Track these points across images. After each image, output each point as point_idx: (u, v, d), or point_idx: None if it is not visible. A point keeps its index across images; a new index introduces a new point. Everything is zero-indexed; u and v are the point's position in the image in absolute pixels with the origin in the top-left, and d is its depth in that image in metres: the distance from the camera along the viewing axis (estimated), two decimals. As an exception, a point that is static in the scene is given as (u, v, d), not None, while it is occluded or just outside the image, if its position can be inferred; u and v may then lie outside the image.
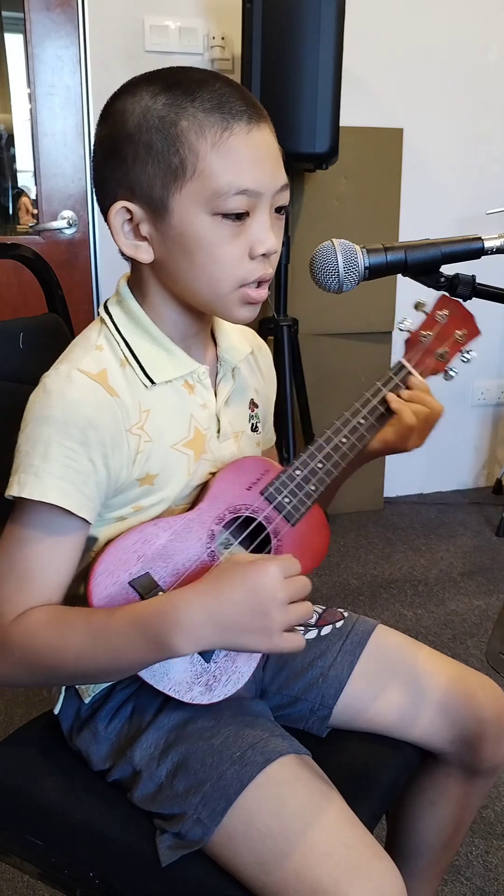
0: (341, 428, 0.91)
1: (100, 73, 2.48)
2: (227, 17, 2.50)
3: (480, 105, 2.93)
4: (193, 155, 0.76)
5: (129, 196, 0.79)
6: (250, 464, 0.89)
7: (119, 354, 0.83)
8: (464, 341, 0.98)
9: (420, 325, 0.97)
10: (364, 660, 0.99)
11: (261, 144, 0.78)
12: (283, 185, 0.80)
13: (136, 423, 0.82)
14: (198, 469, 0.87)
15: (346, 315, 2.72)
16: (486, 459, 3.37)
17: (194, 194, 0.76)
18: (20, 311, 1.31)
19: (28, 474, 0.77)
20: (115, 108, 0.80)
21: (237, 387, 0.94)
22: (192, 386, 0.87)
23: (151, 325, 0.85)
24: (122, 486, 0.82)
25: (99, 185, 0.83)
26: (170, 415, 0.85)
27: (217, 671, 0.82)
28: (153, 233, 0.80)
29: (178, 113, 0.76)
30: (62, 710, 0.91)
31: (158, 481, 0.84)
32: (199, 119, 0.75)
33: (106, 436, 0.78)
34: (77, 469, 0.77)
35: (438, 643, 2.16)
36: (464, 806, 1.05)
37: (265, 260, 0.80)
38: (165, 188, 0.77)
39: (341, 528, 2.91)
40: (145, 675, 0.79)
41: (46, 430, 0.77)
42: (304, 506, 0.89)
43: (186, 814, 0.79)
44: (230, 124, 0.76)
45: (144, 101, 0.77)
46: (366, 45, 2.63)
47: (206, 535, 0.84)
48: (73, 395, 0.78)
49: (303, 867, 0.74)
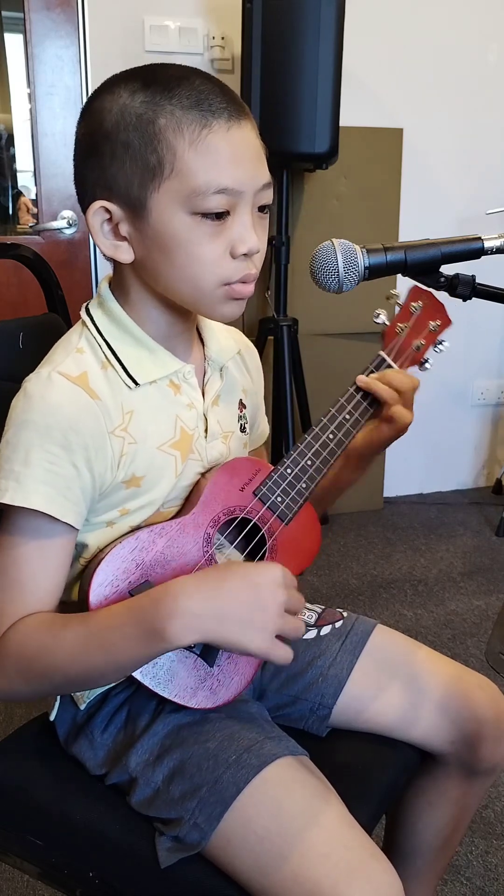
0: (328, 424, 0.91)
1: (100, 73, 2.48)
2: (227, 17, 2.50)
3: (480, 105, 2.93)
4: (171, 153, 0.74)
5: (107, 195, 0.78)
6: (242, 464, 0.89)
7: (100, 356, 0.82)
8: (438, 332, 0.98)
9: (395, 318, 0.97)
10: (363, 660, 0.99)
11: (241, 142, 0.76)
12: (266, 183, 0.79)
13: (119, 425, 0.81)
14: (185, 470, 0.86)
15: (346, 315, 2.72)
16: (485, 459, 3.37)
17: (172, 193, 0.75)
18: (20, 310, 1.31)
19: (10, 480, 0.76)
20: (93, 106, 0.79)
21: (226, 386, 0.93)
22: (177, 386, 0.86)
23: (133, 325, 0.84)
24: (108, 489, 0.81)
25: (79, 185, 0.82)
26: (154, 416, 0.84)
27: (220, 675, 0.82)
28: (132, 232, 0.79)
29: (156, 111, 0.74)
30: (58, 716, 0.91)
31: (145, 483, 0.83)
32: (177, 116, 0.74)
33: (88, 439, 0.77)
34: (60, 474, 0.76)
35: (438, 643, 2.16)
36: (463, 806, 1.05)
37: (247, 259, 0.79)
38: (143, 187, 0.76)
39: (341, 528, 2.91)
40: (150, 682, 0.78)
41: (27, 434, 0.76)
42: (296, 504, 0.89)
43: (183, 818, 0.79)
44: (209, 121, 0.74)
45: (122, 98, 0.76)
46: (366, 45, 2.63)
47: (203, 538, 0.84)
48: (53, 398, 0.77)
49: (301, 869, 0.74)
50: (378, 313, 0.96)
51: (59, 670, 0.76)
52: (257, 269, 0.81)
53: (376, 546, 2.80)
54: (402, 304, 0.97)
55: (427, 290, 0.95)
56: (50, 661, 0.76)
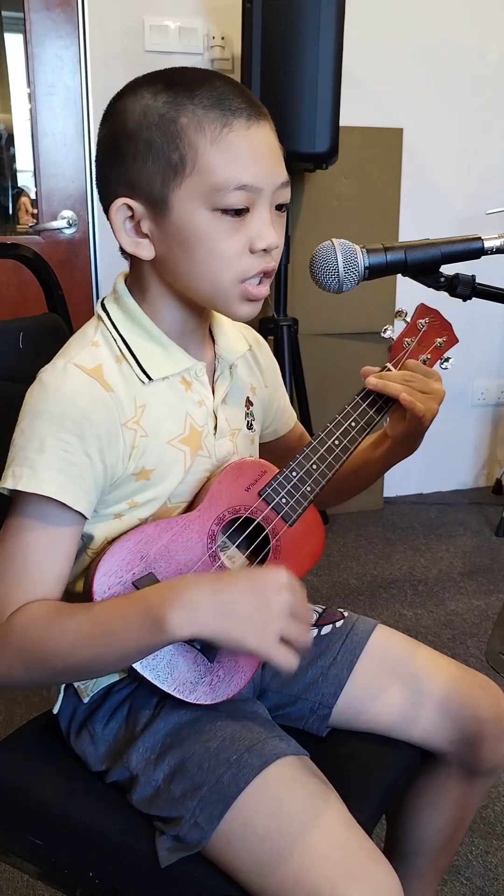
0: (333, 431, 0.92)
1: (100, 73, 2.48)
2: (227, 17, 2.50)
3: (480, 105, 2.93)
4: (192, 151, 0.76)
5: (129, 193, 0.80)
6: (249, 465, 0.90)
7: (115, 350, 0.84)
8: (444, 348, 0.99)
9: (403, 332, 0.98)
10: (364, 660, 0.99)
11: (260, 141, 0.78)
12: (284, 182, 0.81)
13: (131, 418, 0.82)
14: (193, 466, 0.87)
15: (346, 315, 2.72)
16: (485, 459, 3.37)
17: (194, 190, 0.77)
18: (20, 310, 1.31)
19: (24, 467, 0.77)
20: (116, 108, 0.81)
21: (234, 385, 0.94)
22: (189, 383, 0.88)
23: (148, 321, 0.85)
24: (118, 480, 0.82)
25: (101, 185, 0.83)
26: (166, 411, 0.85)
27: (221, 671, 0.83)
28: (154, 229, 0.81)
29: (178, 110, 0.77)
30: (61, 709, 0.91)
31: (154, 476, 0.85)
32: (198, 116, 0.76)
33: (101, 429, 0.79)
34: (73, 462, 0.77)
35: (438, 643, 2.16)
36: (463, 806, 1.05)
37: (266, 255, 0.81)
38: (165, 184, 0.78)
39: (341, 528, 2.91)
40: (150, 675, 0.79)
41: (42, 423, 0.77)
42: (300, 506, 0.90)
43: (184, 817, 0.79)
44: (229, 120, 0.77)
45: (145, 99, 0.78)
46: (366, 45, 2.63)
47: (207, 535, 0.84)
48: (68, 388, 0.78)
49: (300, 870, 0.74)
50: (386, 328, 0.98)
51: (59, 658, 0.77)
52: (275, 265, 0.83)
53: (376, 546, 2.80)
54: (409, 321, 0.98)
55: (435, 310, 0.98)
56: (51, 648, 0.76)
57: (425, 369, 0.94)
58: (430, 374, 0.93)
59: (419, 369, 0.94)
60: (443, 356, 0.99)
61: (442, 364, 0.99)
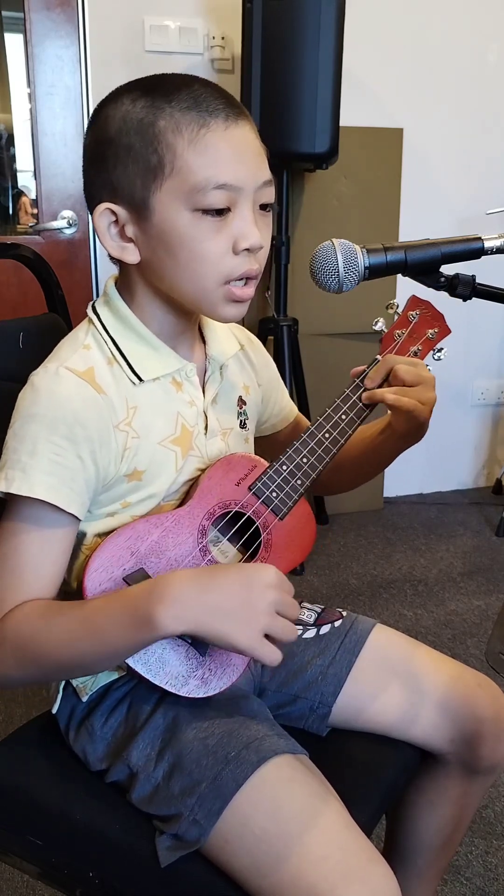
0: (323, 423, 0.92)
1: (100, 73, 2.48)
2: (227, 17, 2.50)
3: (480, 105, 2.93)
4: (171, 152, 0.77)
5: (112, 198, 0.81)
6: (238, 460, 0.90)
7: (106, 353, 0.84)
8: (436, 339, 0.99)
9: (394, 324, 0.98)
10: (363, 659, 0.99)
11: (239, 140, 0.79)
12: (266, 181, 0.81)
13: (123, 420, 0.83)
14: (185, 465, 0.88)
15: (346, 315, 2.72)
16: (485, 459, 3.37)
17: (174, 191, 0.78)
18: (20, 310, 1.32)
19: (15, 470, 0.78)
20: (99, 115, 0.82)
21: (225, 385, 0.95)
22: (179, 383, 0.88)
23: (139, 323, 0.86)
24: (111, 481, 0.83)
25: (87, 191, 0.85)
26: (157, 412, 0.86)
27: (212, 664, 0.83)
28: (137, 233, 0.81)
29: (156, 114, 0.78)
30: (59, 708, 0.92)
31: (146, 477, 0.85)
32: (175, 118, 0.77)
33: (93, 432, 0.79)
34: (65, 465, 0.78)
35: (438, 643, 2.16)
36: (463, 806, 1.05)
37: (250, 255, 0.81)
38: (146, 187, 0.78)
39: (341, 528, 2.92)
40: (141, 668, 0.79)
41: (34, 426, 0.78)
42: (291, 500, 0.90)
43: (183, 814, 0.79)
44: (207, 121, 0.77)
45: (125, 106, 0.79)
46: (366, 45, 2.64)
47: (197, 530, 0.85)
48: (60, 391, 0.79)
49: (299, 871, 0.74)
50: (377, 320, 0.97)
51: (50, 655, 0.77)
52: (260, 266, 0.82)
53: (376, 546, 2.80)
54: (400, 312, 0.98)
55: (426, 301, 0.97)
56: (42, 647, 0.77)
57: (410, 361, 0.93)
58: (415, 365, 0.92)
59: (403, 362, 0.92)
60: (435, 347, 0.98)
61: (434, 355, 0.98)
